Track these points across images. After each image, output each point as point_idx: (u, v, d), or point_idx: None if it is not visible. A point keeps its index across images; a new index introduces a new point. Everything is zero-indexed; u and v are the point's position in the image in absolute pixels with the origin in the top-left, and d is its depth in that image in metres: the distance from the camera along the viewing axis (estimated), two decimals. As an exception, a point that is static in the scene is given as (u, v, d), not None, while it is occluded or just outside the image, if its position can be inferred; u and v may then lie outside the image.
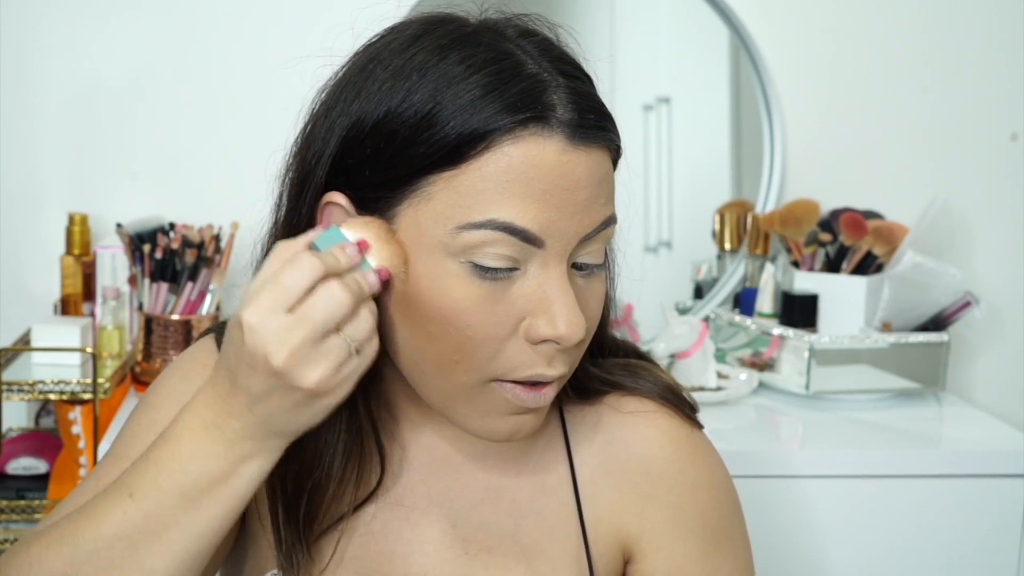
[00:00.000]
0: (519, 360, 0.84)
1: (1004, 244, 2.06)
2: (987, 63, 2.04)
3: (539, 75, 0.83)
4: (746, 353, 1.88)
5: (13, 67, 1.87)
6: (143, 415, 0.95)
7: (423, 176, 0.83)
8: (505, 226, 0.81)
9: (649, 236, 2.07)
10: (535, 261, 0.83)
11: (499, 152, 0.81)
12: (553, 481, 0.98)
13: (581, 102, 0.83)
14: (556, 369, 0.85)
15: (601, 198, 0.84)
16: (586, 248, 0.85)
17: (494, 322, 0.83)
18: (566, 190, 0.82)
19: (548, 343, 0.84)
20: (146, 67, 1.90)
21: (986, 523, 1.61)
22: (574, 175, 0.82)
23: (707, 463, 1.00)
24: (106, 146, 1.90)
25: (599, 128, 0.84)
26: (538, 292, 0.83)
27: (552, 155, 0.82)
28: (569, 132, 0.82)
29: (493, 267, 0.82)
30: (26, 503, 1.63)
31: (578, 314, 0.83)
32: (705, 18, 2.00)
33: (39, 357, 1.68)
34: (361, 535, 0.95)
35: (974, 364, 2.07)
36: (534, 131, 0.81)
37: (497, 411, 0.87)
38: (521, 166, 0.81)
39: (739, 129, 2.08)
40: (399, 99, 0.83)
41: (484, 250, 0.82)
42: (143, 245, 1.65)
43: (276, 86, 1.89)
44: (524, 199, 0.81)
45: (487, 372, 0.85)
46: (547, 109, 0.82)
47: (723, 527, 0.99)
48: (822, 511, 1.59)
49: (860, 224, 1.86)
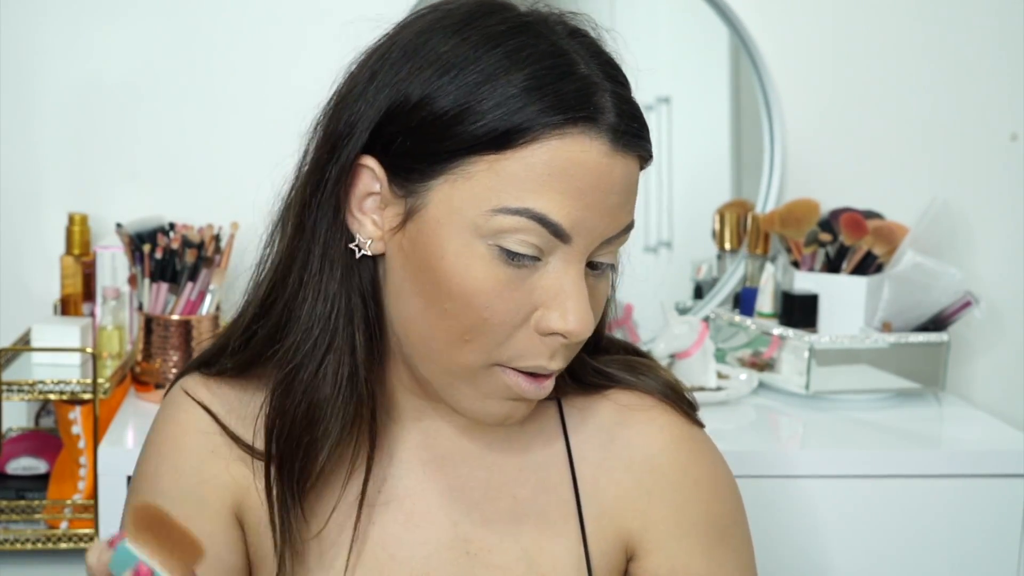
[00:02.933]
0: (525, 349, 0.86)
1: (1004, 244, 2.06)
2: (987, 63, 2.04)
3: (590, 76, 0.85)
4: (746, 353, 1.88)
5: (13, 67, 1.87)
6: None
7: (466, 156, 0.84)
8: (539, 217, 0.83)
9: (649, 236, 2.06)
10: (558, 255, 0.85)
11: (546, 145, 0.83)
12: (553, 479, 0.98)
13: (625, 108, 0.85)
14: (557, 363, 0.87)
15: (629, 204, 0.87)
16: (605, 249, 0.87)
17: (510, 308, 0.85)
18: (602, 191, 0.84)
19: (556, 336, 0.85)
20: (146, 67, 1.90)
21: (986, 523, 1.61)
22: (612, 178, 0.84)
23: (710, 460, 1.00)
24: (106, 146, 1.90)
25: (639, 136, 0.86)
26: (555, 285, 0.85)
27: (596, 156, 0.83)
28: (613, 136, 0.84)
29: (519, 253, 0.84)
30: (26, 503, 1.63)
31: (589, 312, 0.85)
32: (705, 18, 1.99)
33: (39, 357, 1.68)
34: (362, 537, 0.95)
35: (974, 364, 2.06)
36: (583, 130, 0.83)
37: (496, 395, 0.88)
38: (565, 162, 0.83)
39: (739, 129, 2.08)
40: (450, 80, 0.84)
41: (514, 236, 0.83)
42: (143, 245, 1.65)
43: (276, 86, 1.89)
44: (562, 194, 0.83)
45: (494, 356, 0.86)
46: (597, 111, 0.84)
47: (726, 525, 0.99)
48: (822, 511, 1.59)
49: (860, 224, 1.86)
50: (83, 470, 1.64)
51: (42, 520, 1.63)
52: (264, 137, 1.88)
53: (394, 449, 0.97)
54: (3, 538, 1.61)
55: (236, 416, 0.97)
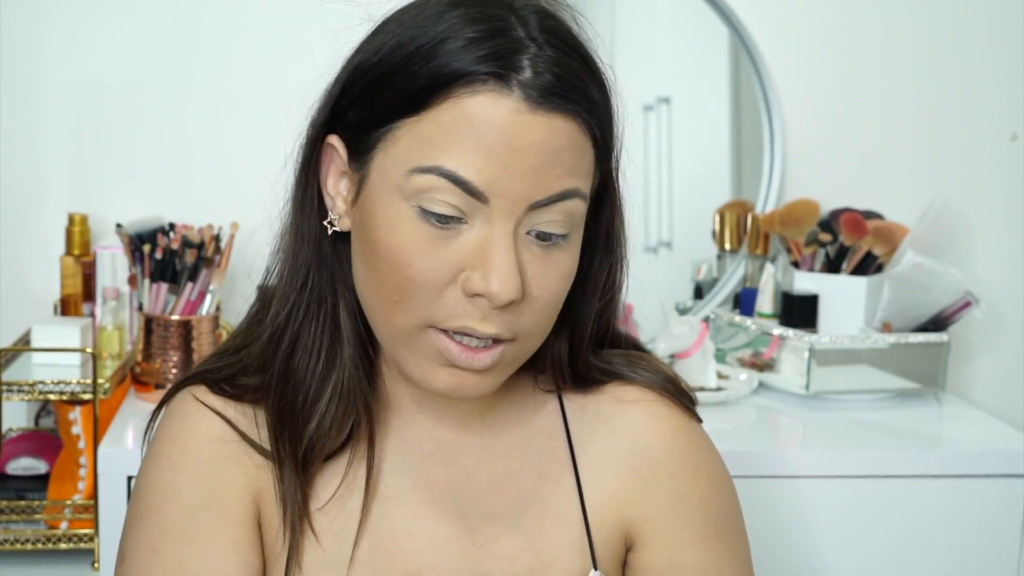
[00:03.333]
0: (454, 309, 0.86)
1: (1004, 244, 2.06)
2: (987, 63, 2.04)
3: (522, 39, 0.85)
4: (746, 353, 1.88)
5: (13, 67, 1.87)
6: (151, 523, 0.94)
7: (393, 121, 0.86)
8: (450, 174, 0.83)
9: (649, 236, 2.06)
10: (481, 216, 0.85)
11: (457, 103, 0.83)
12: (555, 470, 0.99)
13: (554, 70, 0.84)
14: (489, 327, 0.86)
15: (559, 168, 0.85)
16: (543, 217, 0.86)
17: (434, 267, 0.85)
18: (518, 151, 0.83)
19: (481, 298, 0.85)
20: (146, 67, 1.90)
21: (986, 523, 1.61)
22: (526, 138, 0.83)
23: (707, 453, 1.02)
24: (106, 146, 1.90)
25: (565, 97, 0.84)
26: (480, 247, 0.85)
27: (507, 114, 0.83)
28: (528, 95, 0.83)
29: (437, 212, 0.84)
30: (26, 503, 1.63)
31: (513, 275, 0.84)
32: (705, 18, 1.99)
33: (39, 357, 1.68)
34: (370, 532, 0.95)
35: (974, 364, 2.06)
36: (493, 88, 0.83)
37: (432, 360, 0.88)
38: (474, 119, 0.83)
39: (739, 129, 2.08)
40: (391, 45, 0.86)
41: (431, 196, 0.84)
42: (143, 245, 1.65)
43: (277, 86, 1.89)
44: (471, 151, 0.83)
45: (424, 316, 0.86)
46: (512, 69, 0.83)
47: (723, 519, 1.00)
48: (822, 511, 1.59)
49: (860, 224, 1.86)
50: (83, 470, 1.64)
51: (42, 520, 1.63)
52: (264, 137, 1.88)
53: (397, 441, 0.98)
54: (3, 538, 1.61)
55: (245, 421, 0.97)
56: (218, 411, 0.97)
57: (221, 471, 0.95)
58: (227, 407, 0.97)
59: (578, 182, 0.86)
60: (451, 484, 0.97)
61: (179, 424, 0.97)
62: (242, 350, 0.99)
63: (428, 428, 0.98)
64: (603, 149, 0.89)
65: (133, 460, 1.49)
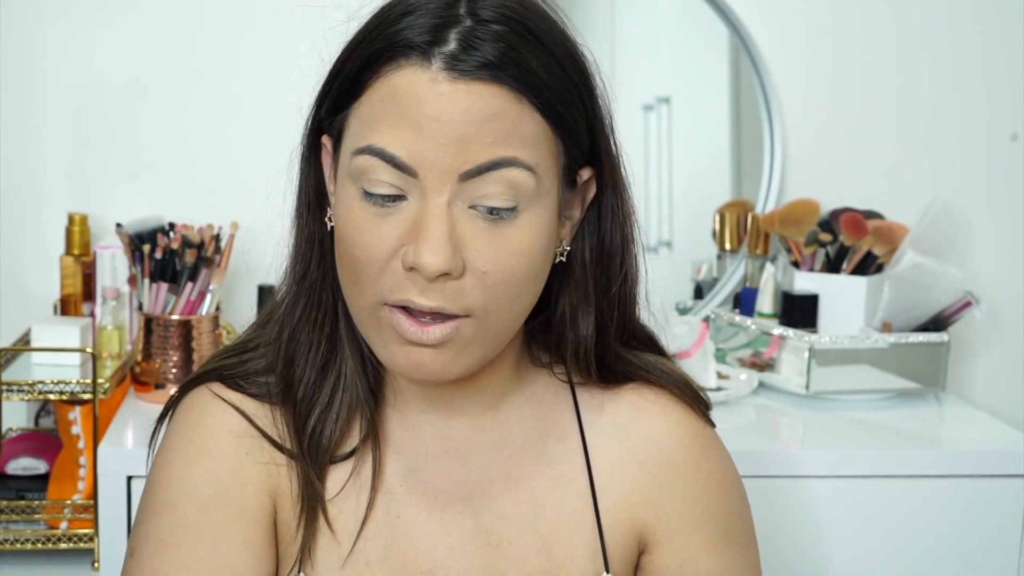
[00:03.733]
0: (396, 283, 0.86)
1: (1004, 244, 2.06)
2: (987, 63, 2.04)
3: (458, 16, 0.85)
4: (746, 353, 1.88)
5: (13, 67, 1.87)
6: (164, 518, 0.93)
7: (347, 108, 0.88)
8: (379, 151, 0.85)
9: (649, 236, 2.06)
10: (416, 191, 0.85)
11: (385, 81, 0.85)
12: (570, 472, 0.99)
13: (478, 41, 0.84)
14: (429, 300, 0.86)
15: (486, 137, 0.84)
16: (481, 189, 0.85)
17: (376, 244, 0.86)
18: (437, 121, 0.83)
19: (415, 271, 0.85)
20: (146, 67, 1.90)
21: (986, 523, 1.61)
22: (446, 108, 0.83)
23: (721, 458, 1.02)
24: (106, 146, 1.90)
25: (489, 67, 0.84)
26: (415, 221, 0.85)
27: (428, 85, 0.83)
28: (448, 65, 0.83)
29: (374, 192, 0.85)
30: (26, 503, 1.63)
31: (441, 247, 0.84)
32: (705, 18, 1.99)
33: (39, 357, 1.68)
34: (385, 532, 0.95)
35: (974, 364, 2.06)
36: (416, 62, 0.84)
37: (391, 339, 0.88)
38: (398, 95, 0.84)
39: (739, 129, 2.08)
40: (351, 39, 0.89)
41: (369, 176, 0.85)
42: (143, 245, 1.65)
43: (276, 86, 1.89)
44: (396, 127, 0.84)
45: (375, 294, 0.87)
46: (437, 44, 0.84)
47: (735, 523, 1.01)
48: (822, 511, 1.59)
49: (860, 224, 1.86)
50: (83, 470, 1.64)
51: (42, 520, 1.63)
52: (264, 137, 1.88)
53: (408, 440, 0.98)
54: (3, 538, 1.60)
55: (262, 416, 0.97)
56: (236, 406, 0.96)
57: (239, 467, 0.94)
58: (244, 402, 0.97)
59: (514, 151, 0.85)
60: (465, 484, 0.97)
61: (195, 419, 0.96)
62: (252, 346, 0.99)
63: (438, 427, 0.98)
64: (561, 121, 0.87)
65: (133, 460, 1.50)
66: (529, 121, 0.85)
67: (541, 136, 0.86)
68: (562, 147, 0.88)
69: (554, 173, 0.88)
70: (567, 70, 0.87)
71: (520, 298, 0.89)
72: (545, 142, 0.87)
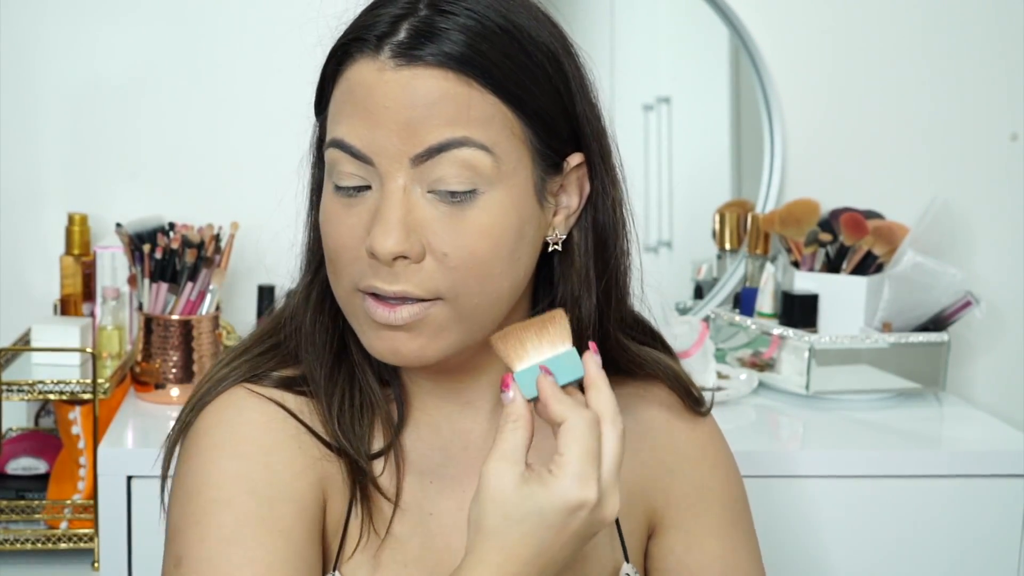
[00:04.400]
0: (363, 271, 0.88)
1: (1004, 244, 2.06)
2: (987, 63, 2.04)
3: (411, 7, 0.86)
4: (746, 353, 1.88)
5: (13, 67, 1.87)
6: (222, 516, 0.89)
7: (326, 109, 0.90)
8: (339, 143, 0.87)
9: (649, 236, 2.06)
10: (376, 179, 0.87)
11: (344, 76, 0.88)
12: None
13: (426, 28, 0.85)
14: (393, 285, 0.87)
15: (435, 119, 0.85)
16: (436, 172, 0.86)
17: (343, 233, 0.88)
18: (385, 108, 0.85)
19: (374, 257, 0.86)
20: (146, 67, 1.90)
21: (986, 523, 1.61)
22: (392, 94, 0.85)
23: (724, 446, 1.06)
24: (106, 146, 1.90)
25: (433, 51, 0.85)
26: (375, 208, 0.87)
27: (376, 73, 0.85)
28: (394, 52, 0.85)
29: (342, 185, 0.88)
30: (26, 503, 1.63)
31: (392, 231, 0.85)
32: (705, 18, 1.99)
33: (39, 357, 1.68)
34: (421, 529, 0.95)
35: (974, 364, 2.06)
36: (367, 53, 0.86)
37: (368, 325, 0.89)
38: (352, 87, 0.86)
39: (739, 129, 2.08)
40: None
41: (336, 168, 0.88)
42: (143, 245, 1.65)
43: (277, 86, 1.89)
44: (352, 117, 0.86)
45: (348, 282, 0.89)
46: (384, 36, 0.86)
47: (739, 509, 1.04)
48: (822, 511, 1.59)
49: (860, 224, 1.86)
50: (83, 470, 1.64)
51: (42, 520, 1.63)
52: (264, 137, 1.88)
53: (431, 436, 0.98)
54: (3, 538, 1.60)
55: (307, 413, 0.95)
56: (278, 402, 0.95)
57: (294, 461, 0.93)
58: (285, 397, 0.95)
59: (465, 131, 0.85)
60: None
61: (235, 415, 0.94)
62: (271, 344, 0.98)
63: (456, 420, 0.98)
64: (521, 102, 0.87)
65: (133, 460, 1.50)
66: (480, 102, 0.86)
67: (497, 116, 0.86)
68: (529, 130, 0.88)
69: (521, 154, 0.88)
70: (532, 55, 0.88)
71: (492, 280, 0.88)
72: (502, 122, 0.87)
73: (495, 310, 0.90)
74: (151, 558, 1.49)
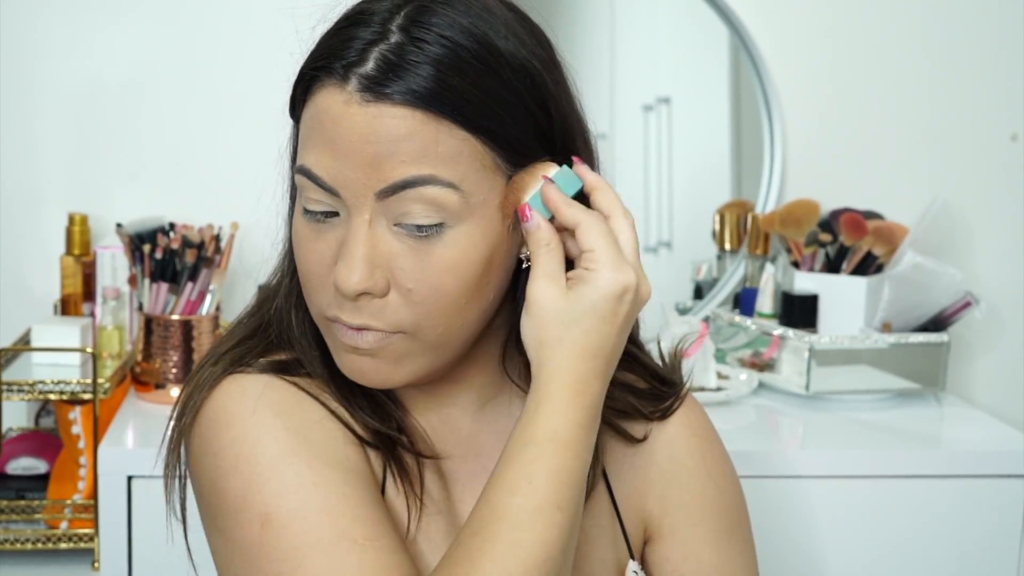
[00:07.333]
0: (329, 299, 0.88)
1: (1004, 244, 2.06)
2: (987, 63, 2.04)
3: (382, 31, 0.84)
4: (746, 353, 1.88)
5: (13, 67, 1.87)
6: (294, 465, 0.86)
7: (297, 124, 0.90)
8: (306, 171, 0.86)
9: (649, 236, 2.06)
10: (343, 209, 0.86)
11: (312, 101, 0.86)
12: None
13: (395, 61, 0.83)
14: (355, 318, 0.86)
15: (400, 156, 0.83)
16: (401, 207, 0.84)
17: (312, 259, 0.88)
18: (354, 142, 0.83)
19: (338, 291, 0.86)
20: (146, 67, 1.90)
21: (986, 523, 1.61)
22: (359, 128, 0.83)
23: (723, 455, 1.05)
24: (106, 146, 1.90)
25: (400, 88, 0.82)
26: (342, 237, 0.86)
27: (341, 106, 0.84)
28: (361, 85, 0.83)
29: (310, 209, 0.87)
30: (26, 503, 1.63)
31: (356, 267, 0.84)
32: (705, 18, 1.99)
33: (39, 357, 1.68)
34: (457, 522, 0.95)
35: (974, 364, 2.06)
36: (335, 82, 0.84)
37: (337, 346, 0.90)
38: (319, 115, 0.85)
39: (739, 129, 2.08)
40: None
41: (305, 193, 0.87)
42: (143, 245, 1.65)
43: (277, 86, 1.89)
44: (318, 146, 0.85)
45: (318, 306, 0.89)
46: (353, 65, 0.84)
47: (735, 518, 1.03)
48: (822, 511, 1.59)
49: (860, 224, 1.86)
50: (83, 470, 1.64)
51: (42, 520, 1.63)
52: (264, 137, 1.88)
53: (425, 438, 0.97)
54: (3, 538, 1.61)
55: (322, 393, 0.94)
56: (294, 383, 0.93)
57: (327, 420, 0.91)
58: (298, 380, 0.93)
59: (431, 169, 0.83)
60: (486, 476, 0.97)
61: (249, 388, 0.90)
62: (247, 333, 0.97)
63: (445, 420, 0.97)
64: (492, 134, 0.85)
65: (133, 460, 1.50)
66: (448, 139, 0.83)
67: (465, 151, 0.84)
68: (500, 157, 0.86)
69: (493, 183, 0.86)
70: (507, 82, 0.85)
71: (458, 312, 0.87)
72: (471, 155, 0.84)
73: (463, 334, 0.89)
74: (151, 558, 1.49)
